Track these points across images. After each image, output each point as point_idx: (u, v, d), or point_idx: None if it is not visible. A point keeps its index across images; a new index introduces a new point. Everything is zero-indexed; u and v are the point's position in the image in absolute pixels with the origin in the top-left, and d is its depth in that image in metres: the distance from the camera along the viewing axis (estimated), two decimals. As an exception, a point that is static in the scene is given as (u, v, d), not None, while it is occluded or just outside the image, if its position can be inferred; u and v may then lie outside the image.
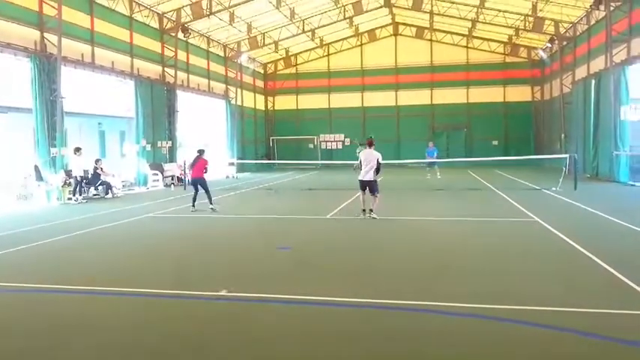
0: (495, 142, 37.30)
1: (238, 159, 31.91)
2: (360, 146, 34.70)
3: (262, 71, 40.74)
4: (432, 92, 38.51)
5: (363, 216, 12.22)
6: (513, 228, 10.90)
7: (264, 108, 41.29)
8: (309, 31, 34.51)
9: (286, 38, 34.48)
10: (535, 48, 34.73)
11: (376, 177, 12.12)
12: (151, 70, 24.58)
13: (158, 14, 25.18)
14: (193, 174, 14.27)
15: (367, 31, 38.36)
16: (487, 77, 37.47)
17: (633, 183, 19.15)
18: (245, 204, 16.63)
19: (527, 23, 29.77)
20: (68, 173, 17.53)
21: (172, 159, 25.31)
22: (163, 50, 25.66)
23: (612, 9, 21.33)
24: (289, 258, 8.37)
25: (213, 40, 31.29)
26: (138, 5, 23.45)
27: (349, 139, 36.11)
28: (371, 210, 12.14)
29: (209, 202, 13.97)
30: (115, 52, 21.92)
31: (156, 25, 25.24)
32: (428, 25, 35.52)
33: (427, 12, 32.69)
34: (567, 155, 21.54)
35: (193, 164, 14.24)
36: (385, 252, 8.73)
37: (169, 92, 25.56)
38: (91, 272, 7.53)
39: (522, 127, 37.06)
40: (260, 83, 40.54)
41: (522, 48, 36.43)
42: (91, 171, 18.02)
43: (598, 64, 23.93)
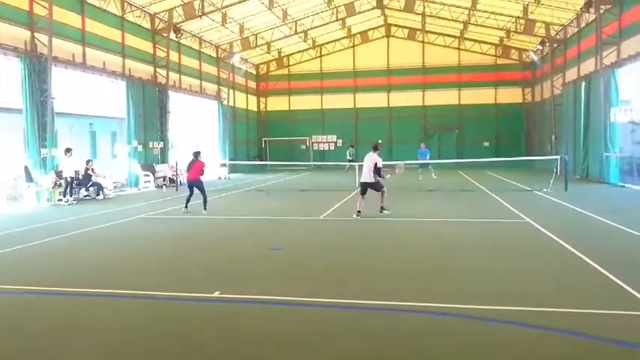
0: (487, 144, 37.49)
1: (230, 160, 31.82)
2: (351, 148, 34.97)
3: (255, 72, 40.69)
4: (424, 94, 38.65)
5: (357, 217, 12.37)
6: (505, 229, 10.95)
7: (256, 109, 41.23)
8: (301, 33, 34.52)
9: (279, 39, 34.47)
10: (526, 50, 34.97)
11: (377, 178, 12.54)
12: (143, 71, 24.46)
13: (150, 14, 25.06)
14: (189, 176, 14.05)
15: (359, 33, 38.43)
16: (478, 79, 37.67)
17: (623, 184, 19.32)
18: (237, 205, 16.59)
19: (518, 25, 29.99)
20: (59, 174, 17.40)
21: (164, 160, 25.19)
22: (155, 51, 25.55)
23: (602, 12, 21.53)
24: (282, 259, 8.36)
25: (205, 41, 31.20)
26: (130, 5, 23.34)
27: (349, 145, 35.92)
28: (382, 208, 12.67)
29: (204, 206, 13.71)
30: (107, 53, 21.79)
31: (148, 26, 25.12)
32: (420, 27, 35.65)
33: (419, 14, 32.81)
34: (558, 157, 21.71)
35: (190, 167, 14.04)
36: (378, 253, 8.73)
37: (161, 93, 25.45)
38: (81, 274, 7.48)
39: (513, 129, 37.28)
40: (252, 84, 40.49)
41: (513, 50, 36.67)
42: (82, 172, 17.89)
43: (588, 67, 24.14)
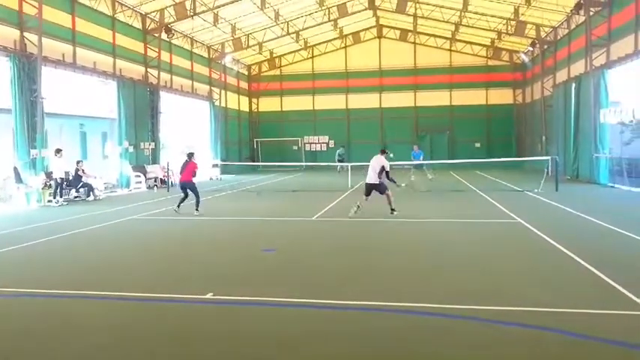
0: (478, 144, 37.68)
1: (222, 161, 31.73)
2: (342, 148, 35.06)
3: (246, 73, 40.60)
4: (416, 95, 38.77)
5: (353, 213, 12.47)
6: (497, 229, 10.99)
7: (248, 110, 41.14)
8: (293, 33, 34.50)
9: (270, 40, 34.43)
10: (517, 51, 35.20)
11: (382, 180, 12.71)
12: (134, 71, 24.31)
13: (141, 14, 24.93)
14: (182, 178, 13.92)
15: (351, 34, 38.48)
16: (470, 80, 37.85)
17: (613, 185, 19.49)
18: (229, 206, 16.53)
19: (509, 27, 30.17)
20: (49, 175, 17.24)
21: (155, 160, 25.05)
22: (146, 51, 25.41)
23: (592, 14, 21.72)
24: (275, 260, 8.33)
25: (196, 41, 31.09)
26: (120, 5, 23.20)
27: (339, 145, 35.98)
28: (392, 210, 12.67)
29: (196, 207, 13.54)
30: (97, 53, 21.64)
31: (139, 26, 24.99)
32: (412, 28, 35.73)
33: (411, 15, 32.90)
34: (549, 157, 21.85)
35: (183, 168, 13.90)
36: (372, 253, 8.73)
37: (152, 93, 25.32)
38: (71, 276, 7.42)
39: (504, 130, 37.50)
40: (244, 85, 40.40)
41: (504, 51, 36.89)
42: (73, 173, 17.75)
43: (578, 68, 24.34)
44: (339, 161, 32.65)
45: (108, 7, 22.48)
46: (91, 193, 17.95)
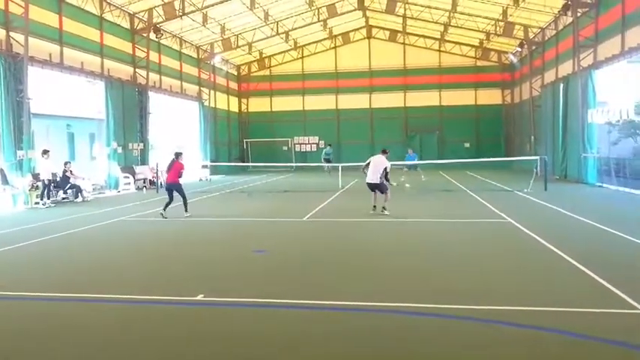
0: (467, 145, 37.88)
1: (212, 161, 31.57)
2: (329, 147, 35.14)
3: (236, 73, 40.45)
4: (406, 95, 38.89)
5: (373, 211, 12.95)
6: (488, 229, 11.03)
7: (237, 110, 40.99)
8: (283, 33, 34.43)
9: (260, 40, 34.34)
10: (505, 52, 35.44)
11: (383, 180, 12.90)
12: (122, 71, 24.10)
13: (129, 14, 24.72)
14: (168, 178, 13.47)
15: (341, 34, 38.50)
16: (459, 80, 38.04)
17: (601, 184, 19.67)
18: (219, 207, 16.44)
19: (497, 28, 30.37)
20: (36, 176, 17.03)
21: (144, 161, 24.86)
22: (134, 51, 25.20)
23: (579, 15, 21.92)
24: (266, 261, 8.29)
25: (185, 41, 30.91)
26: (108, 5, 22.98)
27: (326, 144, 36.11)
28: (383, 208, 12.86)
29: (185, 209, 13.28)
30: (85, 53, 21.41)
31: (127, 26, 24.78)
32: (401, 29, 35.88)
33: (400, 15, 33.01)
34: (538, 157, 22.00)
35: (169, 168, 13.47)
36: (363, 254, 8.71)
37: (141, 94, 25.11)
38: (59, 278, 7.32)
39: (493, 130, 37.75)
40: (234, 85, 40.24)
41: (493, 52, 37.13)
42: (60, 174, 17.55)
43: (566, 68, 24.55)
44: (326, 161, 32.73)
45: (95, 7, 22.26)
46: (79, 195, 17.76)
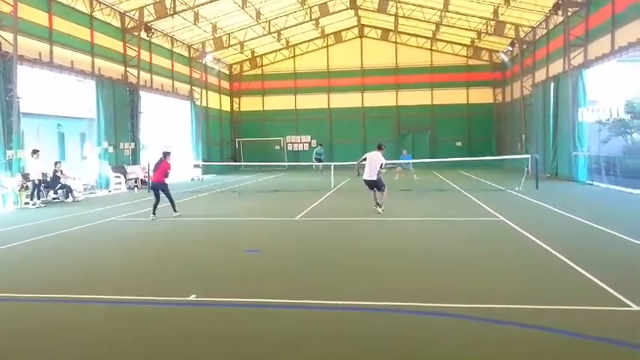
0: (459, 143, 38.01)
1: (204, 161, 31.45)
2: (319, 146, 35.15)
3: (228, 72, 40.31)
4: (398, 94, 38.96)
5: (375, 208, 13.03)
6: (481, 227, 11.06)
7: (229, 109, 40.86)
8: (274, 32, 34.35)
9: (252, 39, 34.23)
10: (496, 51, 35.59)
11: (381, 177, 13.04)
12: (113, 70, 23.93)
13: (120, 13, 24.55)
14: (154, 178, 13.33)
15: (333, 33, 38.47)
16: (450, 79, 38.15)
17: (591, 182, 19.81)
18: (211, 206, 16.38)
19: (489, 27, 30.50)
20: (25, 176, 16.88)
21: (136, 161, 24.70)
22: (125, 50, 25.03)
23: (570, 14, 22.06)
24: (258, 261, 8.25)
25: (177, 40, 30.75)
26: (99, 3, 22.81)
27: (317, 144, 36.21)
28: (378, 204, 12.98)
29: (173, 210, 13.15)
30: (75, 52, 21.23)
31: (117, 24, 24.61)
32: (393, 28, 35.93)
33: (392, 14, 33.05)
34: (529, 156, 22.13)
35: (156, 167, 13.34)
36: (356, 253, 8.69)
37: (132, 93, 24.95)
38: (48, 280, 7.25)
39: (485, 129, 37.90)
40: (225, 84, 40.11)
41: (484, 51, 37.27)
42: (50, 174, 17.40)
43: (557, 67, 24.69)
44: (317, 160, 32.79)
45: (85, 5, 22.07)
46: (70, 195, 17.61)
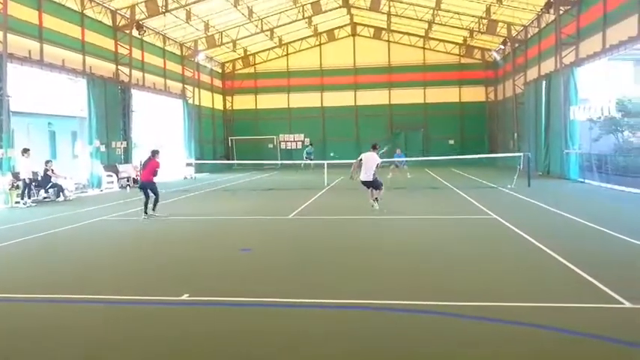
0: (451, 142, 38.12)
1: (196, 159, 31.32)
2: (310, 146, 35.13)
3: (220, 70, 40.16)
4: (390, 92, 38.99)
5: (373, 207, 12.93)
6: (474, 225, 11.08)
7: (222, 108, 40.72)
8: (267, 31, 34.26)
9: (244, 37, 34.11)
10: (489, 49, 35.71)
11: (377, 177, 13.00)
12: (104, 69, 23.76)
13: (111, 11, 24.37)
14: (143, 177, 13.12)
15: (326, 31, 38.44)
16: (443, 78, 38.24)
17: (583, 180, 19.92)
18: (204, 205, 16.30)
19: (481, 25, 30.60)
20: (16, 175, 16.72)
21: (128, 160, 24.54)
22: (117, 48, 24.85)
23: (561, 13, 22.17)
24: (251, 260, 8.21)
25: (169, 39, 30.58)
26: (89, 1, 22.62)
27: (308, 143, 36.44)
28: (376, 199, 12.91)
29: (153, 207, 12.78)
30: (66, 50, 21.05)
31: (109, 22, 24.42)
32: (385, 26, 35.95)
33: (385, 13, 33.07)
34: (521, 154, 22.23)
35: (144, 165, 13.15)
36: (350, 251, 8.68)
37: (124, 91, 24.78)
38: (39, 280, 7.17)
39: (477, 127, 38.04)
40: (218, 83, 39.96)
41: (477, 49, 37.38)
42: (41, 173, 17.25)
43: (548, 66, 24.81)
44: (307, 159, 32.85)
45: (76, 3, 21.88)
46: (61, 194, 17.46)
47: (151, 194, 12.91)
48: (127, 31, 24.84)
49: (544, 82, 24.50)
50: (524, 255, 8.00)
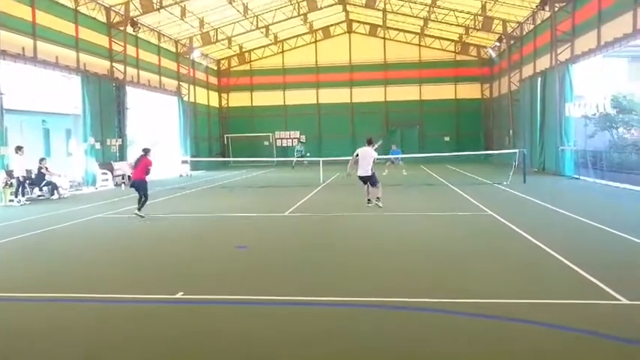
0: (447, 138, 38.17)
1: (192, 157, 31.23)
2: (301, 144, 35.12)
3: (215, 68, 40.03)
4: (386, 89, 38.97)
5: (368, 204, 12.95)
6: (470, 222, 11.07)
7: (217, 105, 40.60)
8: (262, 28, 34.16)
9: (240, 34, 34.00)
10: (484, 46, 35.74)
11: (374, 172, 12.92)
12: (99, 66, 23.62)
13: (105, 7, 24.22)
14: (134, 175, 12.93)
15: (321, 28, 38.38)
16: (439, 75, 38.27)
17: (578, 176, 19.97)
18: (200, 202, 16.23)
19: (476, 22, 30.60)
20: (9, 173, 16.60)
21: (123, 157, 24.44)
22: (111, 45, 24.72)
23: (557, 9, 22.18)
24: (246, 257, 8.18)
25: (164, 35, 30.43)
26: (83, -3, 22.49)
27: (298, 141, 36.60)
28: (378, 198, 12.88)
29: (138, 207, 12.36)
30: (60, 47, 20.90)
31: (103, 19, 24.27)
32: (381, 23, 35.89)
33: (380, 10, 33.02)
34: (517, 150, 22.27)
35: (136, 164, 12.99)
36: (346, 249, 8.65)
37: (118, 88, 24.66)
38: (33, 279, 7.10)
39: (473, 124, 38.10)
40: (213, 80, 39.83)
41: (472, 46, 37.41)
42: (35, 171, 17.14)
43: (544, 63, 24.84)
44: (301, 156, 32.84)
45: (70, 0, 21.72)
46: (55, 192, 17.35)
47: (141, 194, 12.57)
48: (122, 28, 24.70)
49: (539, 79, 24.53)
50: (520, 252, 8.00)
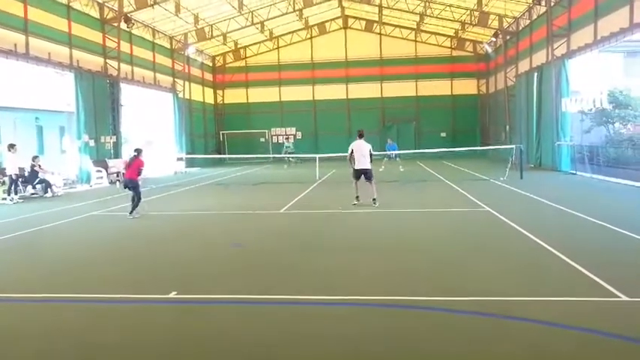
0: (443, 134, 38.13)
1: (187, 154, 31.07)
2: (287, 141, 35.05)
3: (211, 64, 39.82)
4: (382, 85, 38.88)
5: (357, 202, 12.73)
6: (468, 218, 11.00)
7: (213, 102, 40.41)
8: (258, 24, 33.96)
9: (235, 30, 33.80)
10: (480, 42, 35.64)
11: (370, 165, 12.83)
12: (92, 62, 23.41)
13: (98, 3, 23.99)
14: (127, 175, 12.87)
15: (317, 24, 38.20)
16: (435, 71, 38.19)
17: (574, 172, 19.95)
18: (195, 200, 16.13)
19: (472, 17, 30.51)
20: (2, 171, 16.44)
21: (117, 155, 24.26)
22: (105, 41, 24.49)
23: (553, 4, 22.12)
24: (241, 256, 8.09)
25: (158, 31, 30.20)
26: (76, -7, 22.26)
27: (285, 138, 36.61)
28: (374, 199, 12.70)
29: (131, 210, 12.14)
30: (52, 43, 20.67)
31: (96, 15, 24.04)
32: (377, 19, 35.76)
33: (376, 5, 32.88)
34: (513, 146, 22.24)
35: (129, 164, 12.91)
36: (342, 247, 8.58)
37: (112, 85, 24.45)
38: (26, 278, 7.00)
39: (469, 119, 38.07)
40: (209, 76, 39.62)
41: (468, 42, 37.32)
42: (28, 169, 16.98)
43: (540, 58, 24.78)
44: (290, 154, 32.78)
45: (62, -5, 21.52)
46: (49, 190, 17.22)
47: (134, 194, 12.46)
48: (115, 24, 24.47)
49: (535, 74, 24.48)
50: (517, 248, 7.94)
